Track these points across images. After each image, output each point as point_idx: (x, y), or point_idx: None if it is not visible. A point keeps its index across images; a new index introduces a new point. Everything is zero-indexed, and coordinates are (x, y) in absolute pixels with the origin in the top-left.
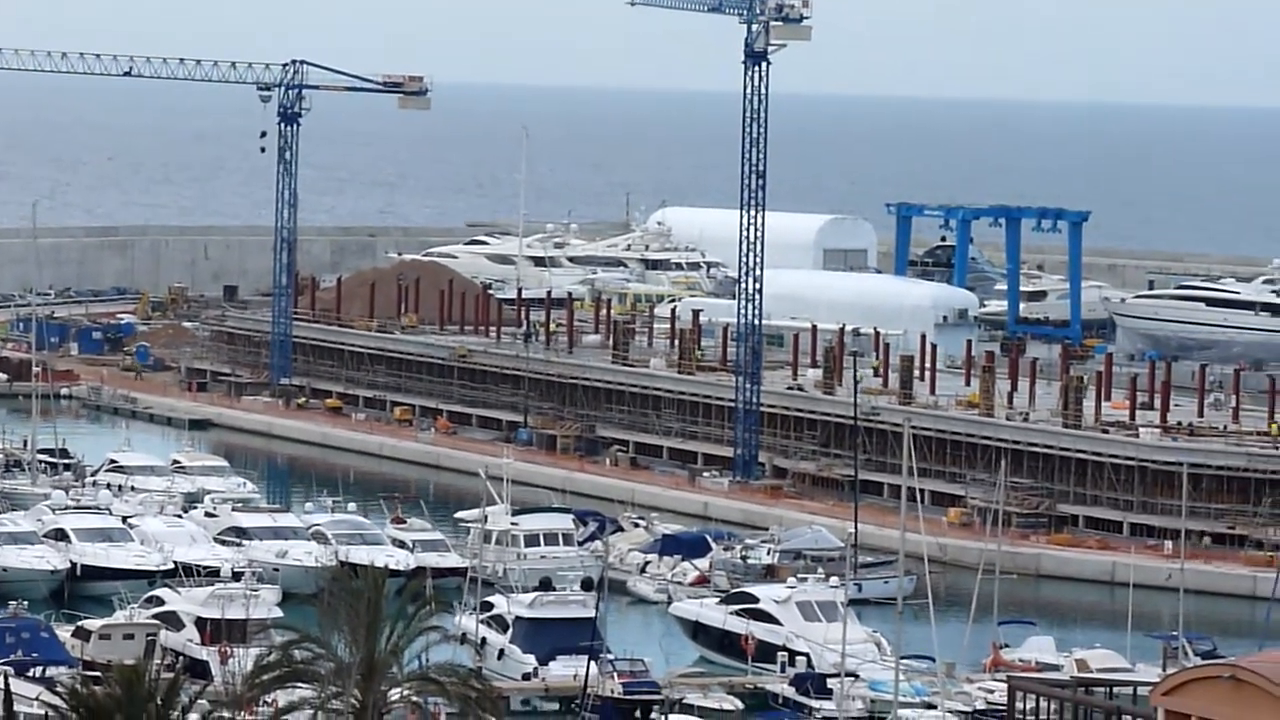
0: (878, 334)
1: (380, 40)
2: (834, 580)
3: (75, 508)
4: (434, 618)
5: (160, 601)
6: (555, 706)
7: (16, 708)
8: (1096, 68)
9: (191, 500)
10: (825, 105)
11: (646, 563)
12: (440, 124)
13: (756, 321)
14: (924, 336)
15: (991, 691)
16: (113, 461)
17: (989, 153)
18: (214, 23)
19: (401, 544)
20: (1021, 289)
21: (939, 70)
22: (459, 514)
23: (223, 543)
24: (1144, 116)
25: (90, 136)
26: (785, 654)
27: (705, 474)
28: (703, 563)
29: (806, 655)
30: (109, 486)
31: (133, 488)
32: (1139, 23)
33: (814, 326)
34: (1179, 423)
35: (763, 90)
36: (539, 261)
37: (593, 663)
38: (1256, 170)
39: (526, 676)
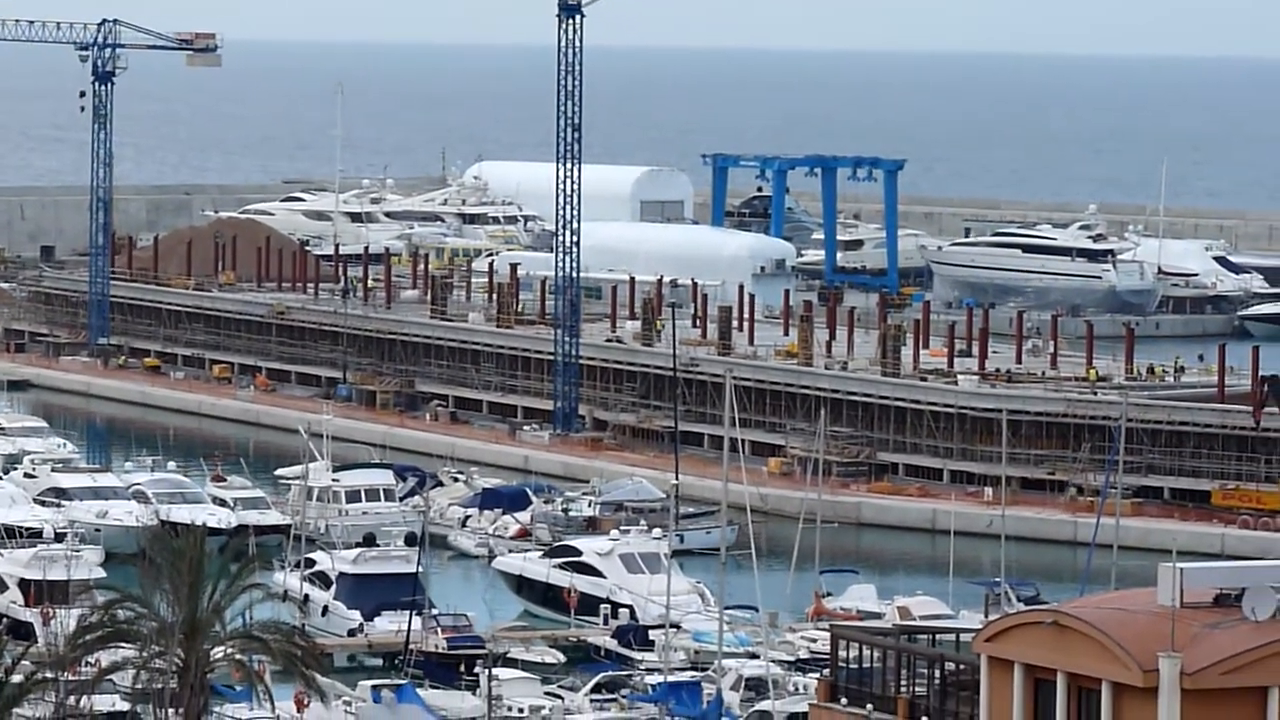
0: (696, 285)
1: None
2: (656, 532)
3: None
4: (256, 575)
5: None
6: (379, 662)
7: None
8: (913, 15)
9: (11, 461)
10: (640, 58)
11: (467, 517)
12: (255, 80)
13: (574, 274)
14: (742, 287)
15: (814, 640)
16: None
17: (804, 103)
18: None
19: (222, 502)
20: (838, 238)
21: (753, 21)
22: (279, 471)
23: (43, 504)
24: (960, 64)
25: None
26: (608, 606)
27: (525, 428)
28: (524, 516)
29: (630, 607)
30: None
31: None
32: None
33: (632, 279)
34: (997, 369)
35: (577, 43)
36: (356, 217)
37: (416, 618)
38: (1072, 117)
39: (351, 633)
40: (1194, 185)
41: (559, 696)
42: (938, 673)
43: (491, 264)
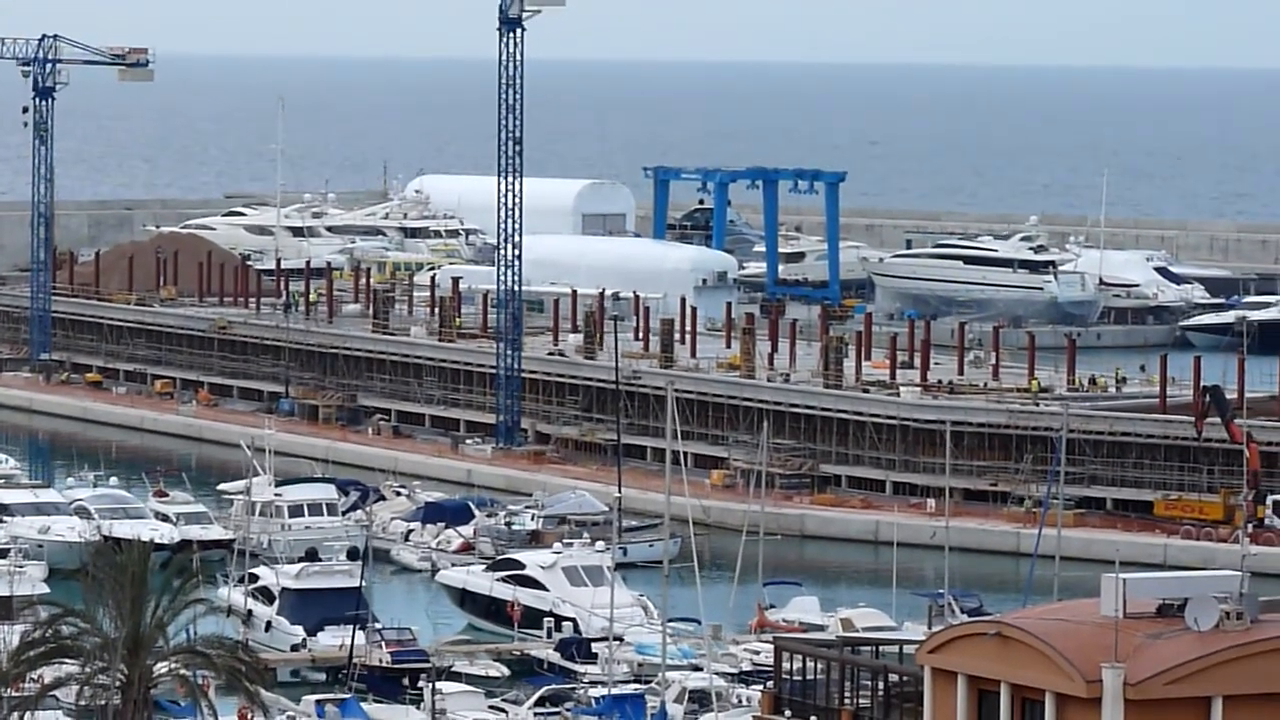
0: (637, 298)
1: (132, 13)
2: (599, 545)
3: None
4: (199, 591)
5: None
6: (323, 677)
7: None
8: (852, 28)
9: None
10: (582, 70)
11: (410, 531)
12: (197, 95)
13: (516, 288)
14: (684, 299)
15: (758, 653)
16: None
17: (745, 115)
18: None
19: (165, 517)
20: (780, 250)
21: (694, 33)
22: (222, 486)
23: None
24: (901, 76)
25: None
26: (552, 619)
27: (468, 441)
28: (466, 530)
29: (573, 620)
30: None
31: None
32: None
33: (574, 291)
34: (939, 381)
35: (518, 56)
36: (297, 232)
37: (359, 632)
38: (1015, 129)
39: (294, 648)
40: (1136, 195)
41: (503, 710)
42: (881, 684)
43: (433, 278)
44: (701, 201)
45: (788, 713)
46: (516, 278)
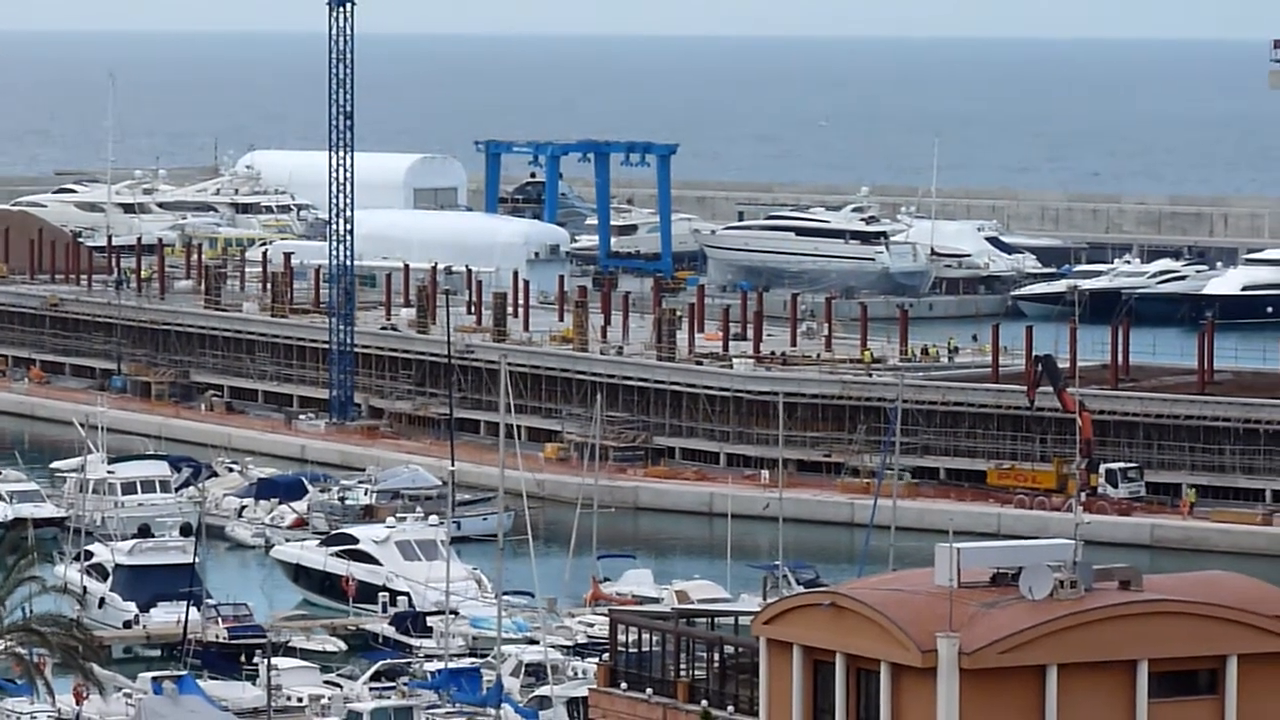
0: (470, 272)
1: None
2: (433, 519)
3: None
4: (34, 568)
5: None
6: (157, 653)
7: None
8: (681, 2)
9: None
10: (412, 44)
11: (243, 507)
12: (22, 71)
13: (348, 262)
14: (516, 273)
15: (592, 625)
16: None
17: (576, 88)
18: None
19: None
20: (612, 223)
21: (525, 6)
22: (55, 464)
23: None
24: (729, 50)
25: None
26: (386, 594)
27: (301, 416)
28: (300, 505)
29: (407, 594)
30: None
31: None
32: None
33: (406, 266)
34: (772, 352)
35: (349, 31)
36: (128, 208)
37: (194, 608)
38: (845, 101)
39: (128, 624)
40: (967, 164)
41: (339, 685)
42: (717, 656)
43: (265, 253)
44: (533, 175)
45: (623, 685)
46: (348, 253)
